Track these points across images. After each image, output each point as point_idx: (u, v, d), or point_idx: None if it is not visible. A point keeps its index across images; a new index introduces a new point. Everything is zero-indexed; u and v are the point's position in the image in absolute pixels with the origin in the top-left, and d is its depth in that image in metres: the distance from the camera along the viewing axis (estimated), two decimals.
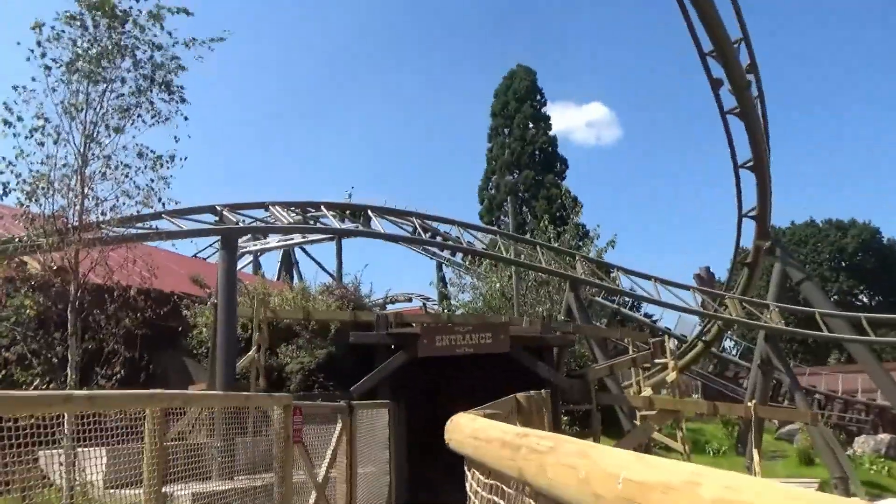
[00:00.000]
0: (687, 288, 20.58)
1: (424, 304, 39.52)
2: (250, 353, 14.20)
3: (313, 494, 8.67)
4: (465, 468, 2.30)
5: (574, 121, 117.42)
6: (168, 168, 9.80)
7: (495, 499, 1.91)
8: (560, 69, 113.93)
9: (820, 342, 42.93)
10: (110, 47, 9.57)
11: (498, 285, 26.37)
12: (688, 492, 0.97)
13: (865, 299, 53.58)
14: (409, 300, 42.39)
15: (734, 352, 42.62)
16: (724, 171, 20.94)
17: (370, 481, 11.55)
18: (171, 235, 12.96)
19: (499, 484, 1.90)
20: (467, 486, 2.27)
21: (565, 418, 19.21)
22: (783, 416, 16.90)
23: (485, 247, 21.85)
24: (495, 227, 32.31)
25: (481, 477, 2.07)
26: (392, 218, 20.13)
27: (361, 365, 13.89)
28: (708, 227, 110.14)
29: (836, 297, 49.48)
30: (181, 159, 9.97)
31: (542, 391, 7.82)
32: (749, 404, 11.14)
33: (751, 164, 19.90)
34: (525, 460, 1.53)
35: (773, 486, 0.89)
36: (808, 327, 21.36)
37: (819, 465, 20.58)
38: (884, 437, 27.88)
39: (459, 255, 38.56)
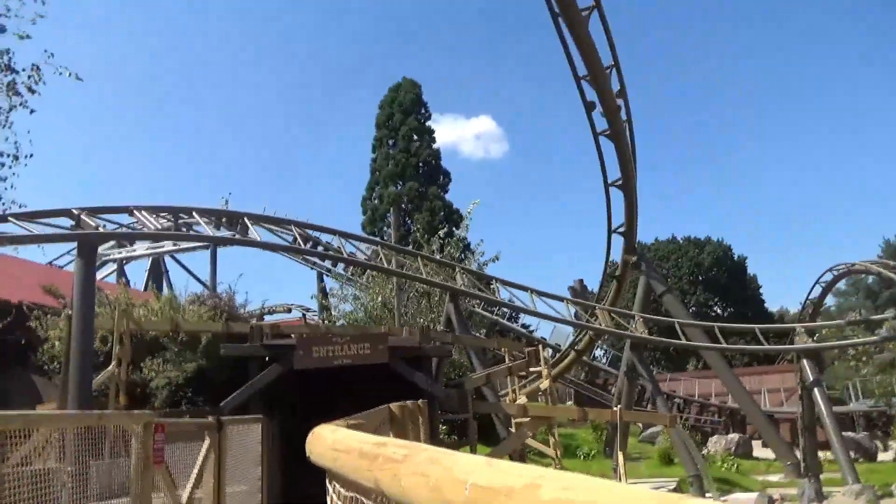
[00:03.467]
0: (561, 299, 21.46)
1: (304, 316, 38.56)
2: (110, 367, 13.16)
3: None
4: (327, 481, 2.21)
5: (463, 132, 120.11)
6: (10, 168, 8.88)
7: None
8: (451, 81, 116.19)
9: (679, 350, 46.34)
10: None
11: (380, 298, 26.25)
12: (529, 494, 0.96)
13: (719, 310, 58.41)
14: (289, 311, 41.21)
15: (604, 360, 45.08)
16: (599, 187, 22.06)
17: (241, 501, 11.01)
18: (14, 240, 11.72)
19: (358, 496, 1.84)
20: (328, 500, 2.19)
21: (443, 427, 19.38)
22: (645, 420, 17.98)
23: (367, 257, 21.70)
24: (378, 238, 32.16)
25: (342, 490, 2.00)
26: (270, 226, 19.49)
27: (234, 378, 13.28)
28: (585, 240, 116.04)
29: (693, 308, 53.63)
30: (26, 157, 9.07)
31: (419, 401, 7.81)
32: (615, 409, 11.74)
33: (619, 182, 21.14)
34: (381, 470, 1.48)
35: (607, 485, 0.90)
36: (668, 336, 22.92)
37: (678, 464, 22.09)
38: (733, 436, 30.46)
39: (342, 266, 38.08)
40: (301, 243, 18.46)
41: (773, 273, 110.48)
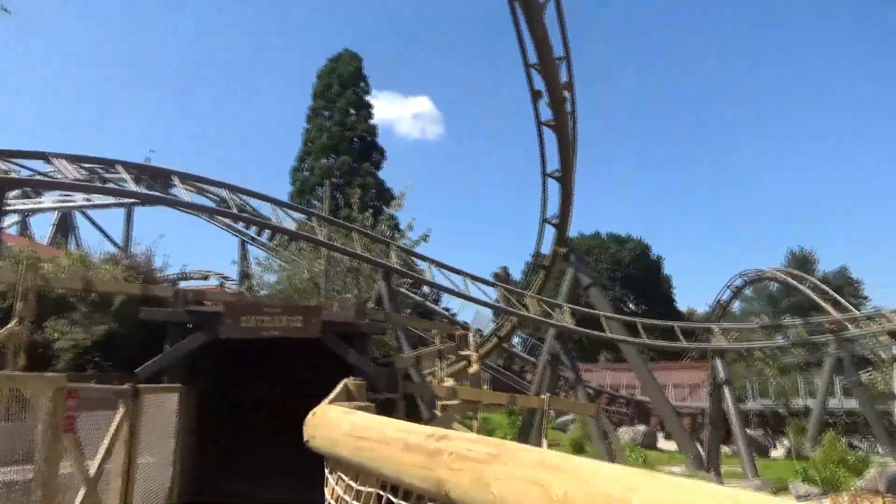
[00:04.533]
0: (493, 285, 21.52)
1: (223, 283, 37.15)
2: (10, 324, 12.08)
3: (82, 491, 7.50)
4: (328, 471, 1.91)
5: (401, 111, 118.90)
6: None
7: None
8: (391, 58, 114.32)
9: (593, 342, 47.74)
10: None
11: (306, 272, 25.50)
12: None
13: (633, 307, 60.50)
14: (206, 278, 39.59)
15: (520, 347, 45.89)
16: (534, 178, 22.22)
17: (152, 473, 10.38)
18: None
19: (382, 493, 1.56)
20: (328, 492, 1.89)
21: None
22: (571, 408, 18.34)
23: (298, 228, 20.96)
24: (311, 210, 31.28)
25: (354, 483, 1.71)
26: (201, 185, 18.43)
27: (147, 345, 12.48)
28: (512, 229, 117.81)
29: (610, 302, 55.32)
30: None
31: (359, 379, 7.47)
32: (544, 396, 11.83)
33: (558, 174, 21.31)
34: (451, 470, 1.21)
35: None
36: (590, 328, 23.45)
37: (589, 452, 22.74)
38: (640, 427, 31.69)
39: (266, 235, 36.81)
40: (233, 208, 17.56)
41: (685, 275, 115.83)
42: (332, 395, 2.45)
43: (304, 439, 2.00)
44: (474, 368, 15.67)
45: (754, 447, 27.94)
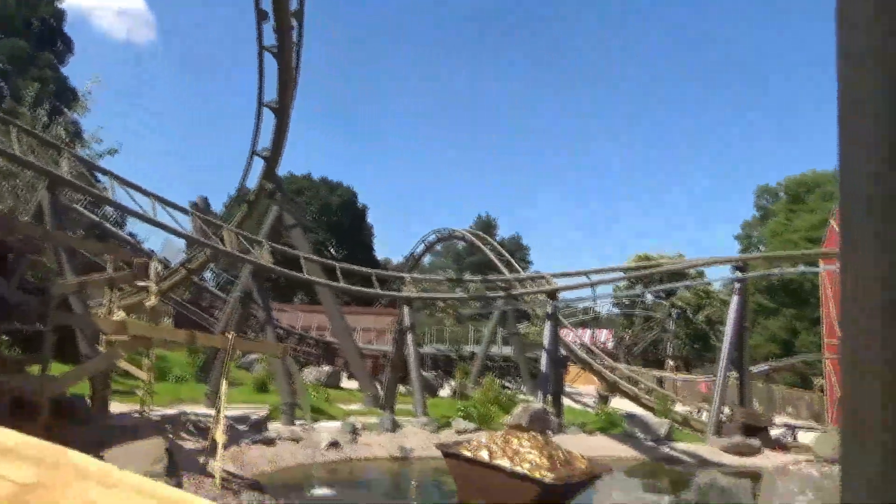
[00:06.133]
0: (186, 212, 19.61)
1: None
2: None
3: None
4: None
5: (103, 2, 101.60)
6: None
7: None
8: None
9: (290, 282, 47.54)
10: None
11: None
12: None
13: (334, 251, 61.63)
14: None
15: (212, 283, 43.55)
16: (249, 106, 20.69)
17: None
18: None
19: None
20: None
21: (4, 339, 16.05)
22: (257, 349, 17.74)
23: None
24: None
25: None
26: None
27: None
28: (224, 161, 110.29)
29: (313, 245, 55.48)
30: None
31: None
32: (228, 335, 11.09)
33: (275, 104, 20.14)
34: None
35: None
36: (289, 268, 23.00)
37: (272, 392, 22.50)
38: (326, 368, 32.48)
39: None
40: None
41: (386, 226, 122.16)
42: None
43: None
44: (152, 301, 14.09)
45: (427, 388, 30.77)
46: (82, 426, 12.69)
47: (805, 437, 21.70)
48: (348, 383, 30.03)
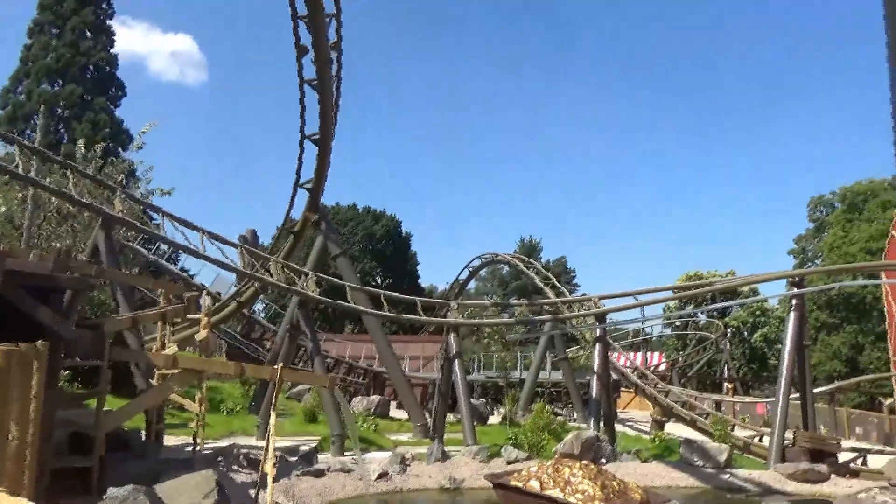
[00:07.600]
0: (234, 245, 20.02)
1: None
2: None
3: None
4: None
5: (157, 46, 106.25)
6: None
7: None
8: None
9: (339, 312, 47.91)
10: None
11: (3, 208, 21.22)
12: None
13: (380, 280, 62.09)
14: None
15: (263, 314, 44.24)
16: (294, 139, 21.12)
17: None
18: None
19: None
20: None
21: (64, 374, 16.51)
22: (305, 380, 17.83)
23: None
24: (18, 138, 26.29)
25: None
26: None
27: None
28: (270, 194, 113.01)
29: (358, 274, 56.01)
30: None
31: (38, 342, 6.11)
32: (276, 367, 11.15)
33: (316, 136, 20.50)
34: None
35: None
36: (336, 298, 23.17)
37: (322, 422, 22.55)
38: (375, 397, 32.42)
39: None
40: None
41: (429, 253, 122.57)
42: None
43: None
44: (203, 334, 14.34)
45: (476, 415, 30.39)
46: (138, 460, 12.90)
47: (876, 461, 20.47)
48: (397, 412, 29.91)
